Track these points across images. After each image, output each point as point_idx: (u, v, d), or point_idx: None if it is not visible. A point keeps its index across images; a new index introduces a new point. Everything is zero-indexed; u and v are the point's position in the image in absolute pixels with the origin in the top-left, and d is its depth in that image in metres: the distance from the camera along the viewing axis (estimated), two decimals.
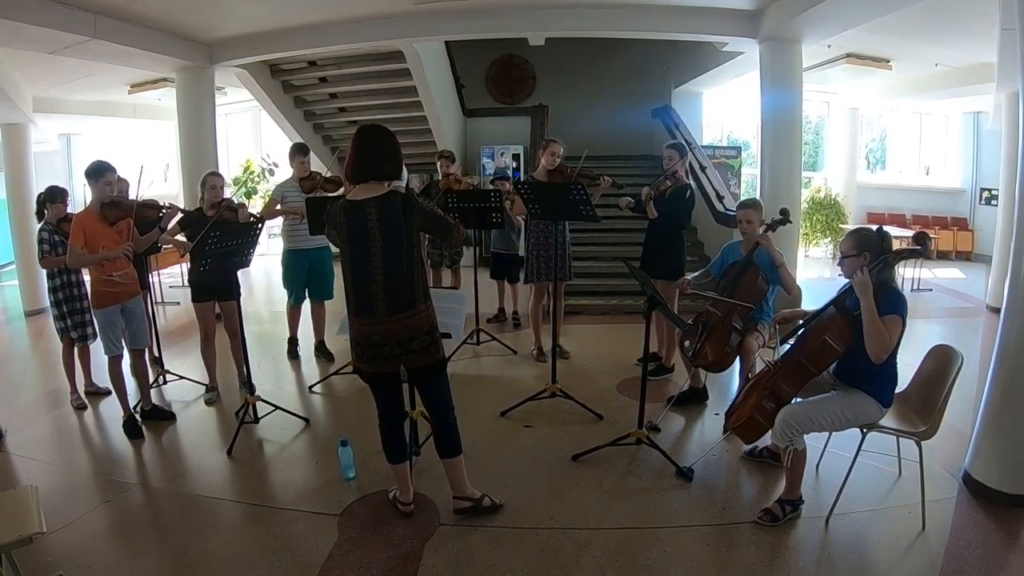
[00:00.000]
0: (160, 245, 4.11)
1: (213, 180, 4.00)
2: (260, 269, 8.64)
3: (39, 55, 5.27)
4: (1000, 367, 2.77)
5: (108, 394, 4.01)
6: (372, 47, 6.64)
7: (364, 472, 3.08)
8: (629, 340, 4.90)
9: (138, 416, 3.69)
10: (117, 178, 3.59)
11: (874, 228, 2.56)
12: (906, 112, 10.77)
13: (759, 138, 6.18)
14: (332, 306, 4.86)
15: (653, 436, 3.28)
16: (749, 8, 5.42)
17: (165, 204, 3.79)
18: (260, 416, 3.64)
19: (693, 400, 3.85)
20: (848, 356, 2.48)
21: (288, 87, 7.86)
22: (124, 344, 3.61)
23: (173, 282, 7.70)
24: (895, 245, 2.54)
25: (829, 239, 9.91)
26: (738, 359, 3.35)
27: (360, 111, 8.19)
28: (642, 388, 3.18)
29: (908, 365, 2.70)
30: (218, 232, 3.32)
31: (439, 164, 5.59)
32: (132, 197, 3.72)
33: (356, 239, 2.39)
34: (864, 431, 2.57)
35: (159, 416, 3.78)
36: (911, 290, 7.23)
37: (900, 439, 2.76)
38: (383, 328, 2.42)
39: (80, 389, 4.10)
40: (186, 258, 4.37)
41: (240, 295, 3.76)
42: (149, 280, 4.66)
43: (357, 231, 2.38)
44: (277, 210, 4.57)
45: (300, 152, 4.64)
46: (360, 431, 3.31)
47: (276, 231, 7.39)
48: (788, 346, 2.75)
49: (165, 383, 4.37)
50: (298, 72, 7.57)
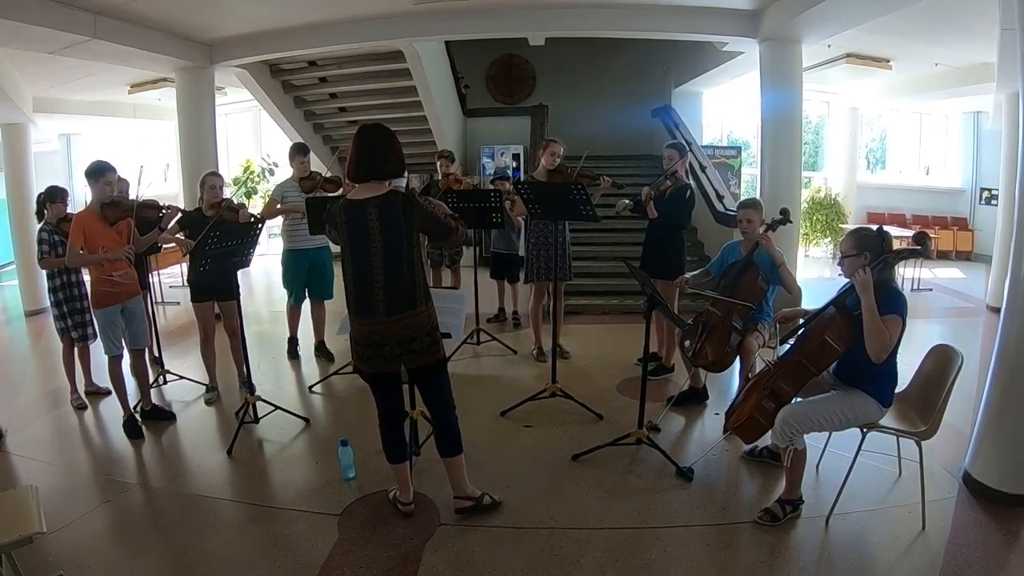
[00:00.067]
0: (160, 245, 4.11)
1: (212, 180, 4.00)
2: (260, 269, 8.64)
3: (39, 55, 5.27)
4: (1000, 367, 2.77)
5: (108, 394, 4.01)
6: (372, 47, 6.64)
7: (364, 472, 3.08)
8: (629, 340, 4.90)
9: (138, 416, 3.70)
10: (117, 178, 3.59)
11: (874, 228, 2.56)
12: (906, 112, 10.77)
13: (759, 138, 6.18)
14: (332, 306, 4.87)
15: (653, 436, 3.28)
16: (749, 8, 5.42)
17: (165, 204, 3.79)
18: (260, 416, 3.64)
19: (693, 400, 3.85)
20: (848, 356, 2.48)
21: (288, 87, 7.87)
22: (124, 344, 3.61)
23: (173, 282, 7.70)
24: (895, 245, 2.54)
25: (829, 239, 9.91)
26: (738, 359, 3.34)
27: (360, 111, 8.19)
28: (642, 388, 3.18)
29: (908, 365, 2.70)
30: (218, 232, 3.32)
31: (439, 164, 5.60)
32: (132, 197, 3.73)
33: (356, 239, 2.39)
34: (864, 431, 2.57)
35: (159, 416, 3.78)
36: (911, 290, 7.23)
37: (900, 439, 2.76)
38: (383, 328, 2.42)
39: (80, 389, 4.11)
40: (186, 258, 4.37)
41: (240, 295, 3.76)
42: (149, 280, 4.66)
43: (357, 231, 2.38)
44: (277, 209, 4.56)
45: (300, 152, 4.64)
46: (360, 431, 3.31)
47: (276, 231, 7.39)
48: (788, 346, 2.75)
49: (165, 383, 4.37)
50: (298, 72, 7.57)
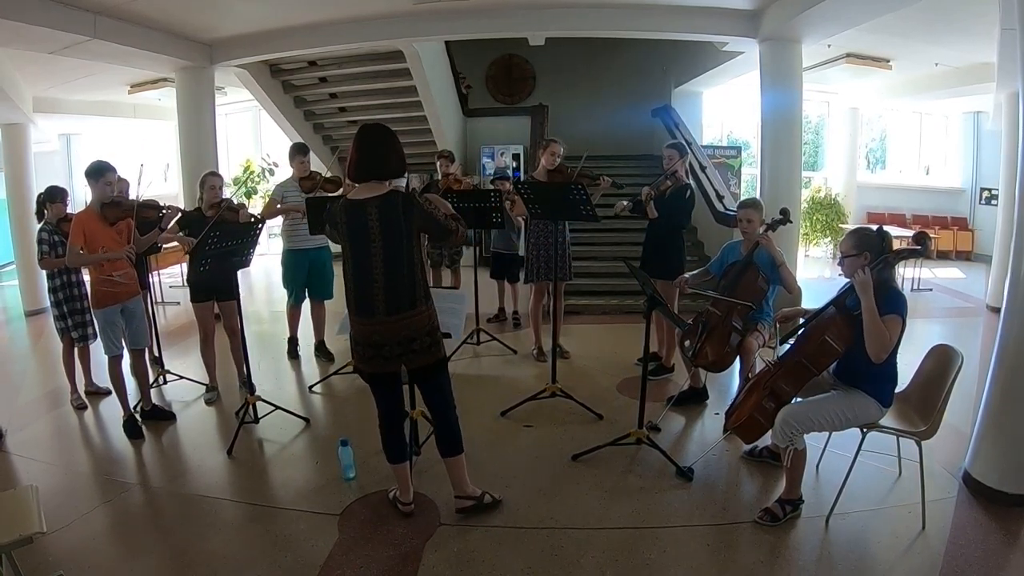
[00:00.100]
0: (160, 245, 4.11)
1: (212, 180, 4.00)
2: (260, 269, 8.64)
3: (39, 55, 5.27)
4: (1000, 367, 2.77)
5: (108, 394, 4.01)
6: (372, 47, 6.64)
7: (364, 472, 3.08)
8: (629, 340, 4.90)
9: (138, 416, 3.70)
10: (117, 178, 3.59)
11: (874, 228, 2.56)
12: (906, 112, 10.77)
13: (759, 138, 6.18)
14: (332, 306, 4.87)
15: (653, 436, 3.28)
16: (749, 8, 5.42)
17: (165, 204, 3.79)
18: (260, 416, 3.64)
19: (693, 400, 3.85)
20: (848, 356, 2.48)
21: (288, 87, 7.87)
22: (124, 344, 3.61)
23: (173, 282, 7.70)
24: (895, 245, 2.54)
25: (829, 239, 9.91)
26: (738, 359, 3.34)
27: (360, 111, 8.19)
28: (642, 388, 3.18)
29: (908, 365, 2.70)
30: (218, 232, 3.32)
31: (439, 164, 5.60)
32: (132, 197, 3.73)
33: (356, 239, 2.39)
34: (864, 431, 2.57)
35: (159, 416, 3.78)
36: (911, 290, 7.23)
37: (900, 439, 2.76)
38: (383, 328, 2.42)
39: (80, 389, 4.11)
40: (186, 258, 4.37)
41: (240, 295, 3.76)
42: (149, 280, 4.66)
43: (358, 231, 2.38)
44: (277, 209, 4.56)
45: (300, 152, 4.64)
46: (360, 431, 3.31)
47: (276, 231, 7.39)
48: (788, 346, 2.75)
49: (165, 383, 4.37)
50: (298, 72, 7.57)
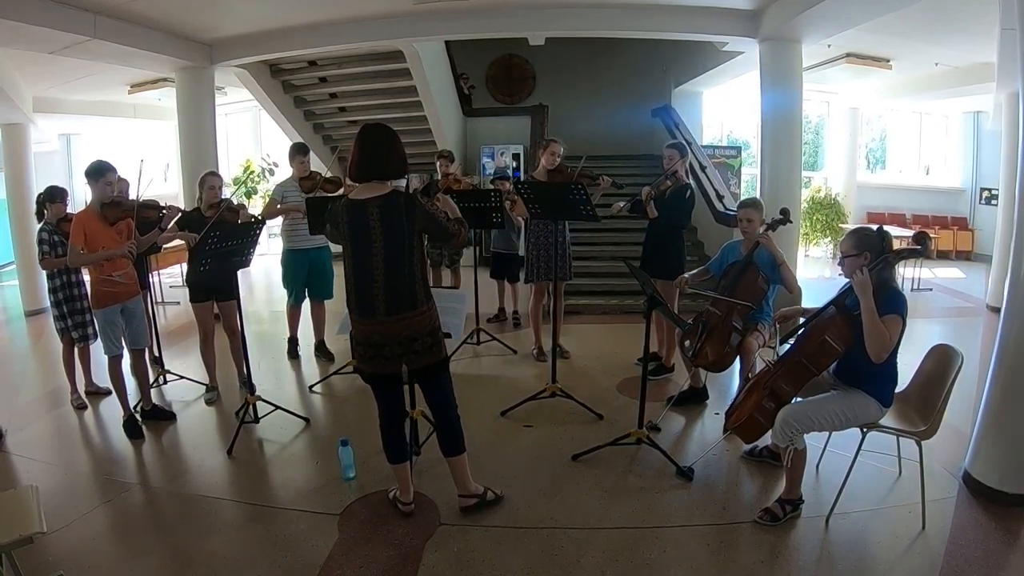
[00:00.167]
0: (160, 246, 4.10)
1: (211, 180, 4.00)
2: (260, 269, 8.64)
3: (39, 55, 5.27)
4: (1000, 367, 2.77)
5: (108, 394, 4.01)
6: (372, 47, 6.64)
7: (364, 472, 3.08)
8: (629, 340, 4.90)
9: (138, 416, 3.70)
10: (117, 178, 3.59)
11: (874, 228, 2.56)
12: (906, 112, 10.77)
13: (759, 138, 6.18)
14: (332, 306, 4.87)
15: (653, 436, 3.28)
16: (749, 8, 5.42)
17: (165, 204, 3.79)
18: (260, 416, 3.64)
19: (693, 400, 3.85)
20: (848, 356, 2.48)
21: (288, 87, 7.87)
22: (124, 344, 3.61)
23: (173, 282, 7.69)
24: (895, 245, 2.54)
25: (829, 239, 9.91)
26: (738, 359, 3.34)
27: (360, 111, 8.19)
28: (642, 388, 3.18)
29: (908, 365, 2.70)
30: (218, 232, 3.32)
31: (438, 164, 5.61)
32: (132, 197, 3.72)
33: (358, 239, 2.39)
34: (864, 431, 2.57)
35: (159, 416, 3.78)
36: (911, 290, 7.23)
37: (900, 439, 2.76)
38: (384, 328, 2.42)
39: (80, 389, 4.11)
40: (187, 257, 4.36)
41: (240, 295, 3.76)
42: (149, 280, 4.66)
43: (359, 231, 2.38)
44: (277, 209, 4.56)
45: (300, 152, 4.64)
46: (360, 431, 3.31)
47: (276, 231, 7.38)
48: (788, 346, 2.75)
49: (165, 383, 4.37)
50: (298, 72, 7.57)
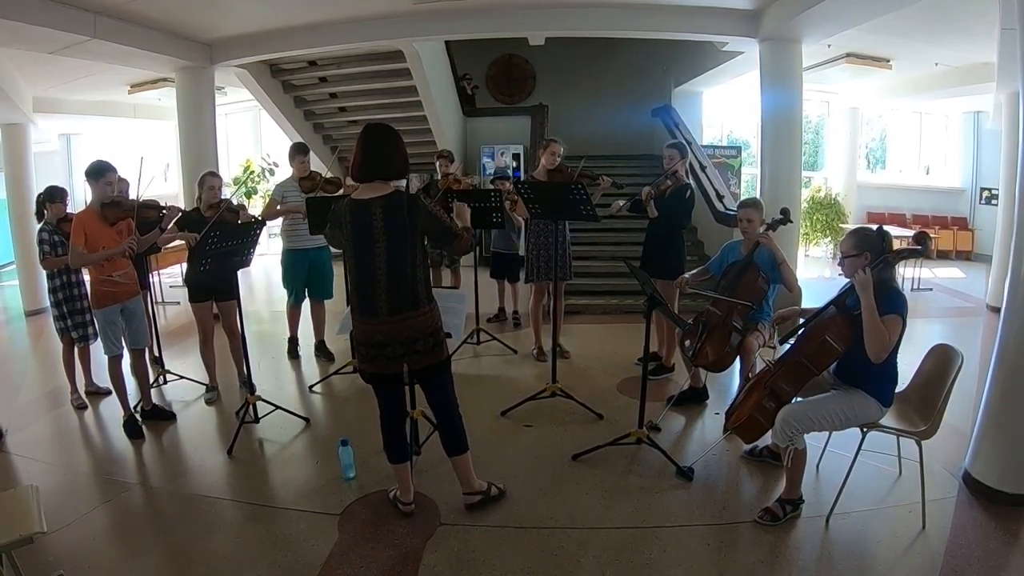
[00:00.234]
0: (160, 246, 4.10)
1: (211, 180, 4.00)
2: (260, 269, 8.64)
3: (39, 55, 5.26)
4: (1000, 367, 2.77)
5: (108, 394, 4.01)
6: (372, 47, 6.64)
7: (364, 472, 3.08)
8: (629, 340, 4.90)
9: (138, 416, 3.70)
10: (117, 178, 3.59)
11: (874, 228, 2.56)
12: (906, 112, 10.77)
13: (759, 138, 6.18)
14: (332, 306, 4.87)
15: (653, 436, 3.28)
16: (749, 8, 5.42)
17: (165, 204, 3.79)
18: (260, 416, 3.64)
19: (693, 400, 3.85)
20: (848, 356, 2.48)
21: (288, 87, 7.87)
22: (124, 344, 3.61)
23: (173, 282, 7.69)
24: (895, 245, 2.54)
25: (829, 239, 9.91)
26: (738, 359, 3.34)
27: (360, 111, 8.19)
28: (642, 388, 3.18)
29: (908, 365, 2.70)
30: (218, 232, 3.32)
31: (438, 164, 5.60)
32: (132, 197, 3.72)
33: (360, 239, 2.39)
34: (864, 430, 2.58)
35: (159, 416, 3.78)
36: (911, 290, 7.23)
37: (900, 438, 2.76)
38: (386, 328, 2.42)
39: (80, 389, 4.10)
40: (187, 257, 4.36)
41: (240, 295, 3.76)
42: (149, 280, 4.66)
43: (361, 231, 2.38)
44: (278, 210, 4.56)
45: (300, 152, 4.64)
46: (360, 431, 3.31)
47: (276, 231, 7.38)
48: (788, 346, 2.75)
49: (165, 383, 4.37)
50: (298, 72, 7.57)
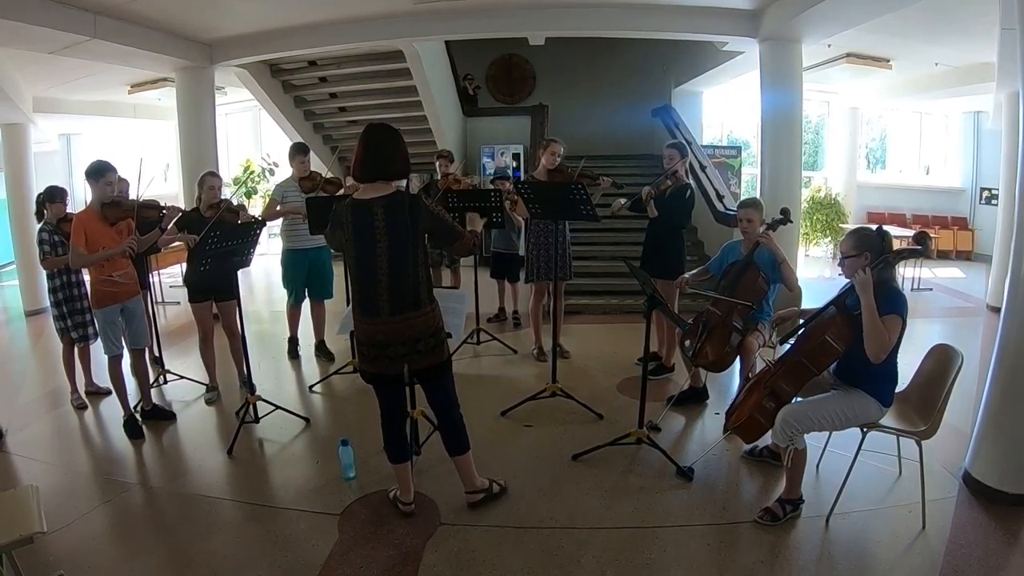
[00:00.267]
0: (161, 247, 4.10)
1: (211, 180, 3.99)
2: (260, 269, 8.64)
3: (39, 55, 5.26)
4: (1000, 367, 2.77)
5: (108, 394, 4.01)
6: (372, 47, 6.64)
7: (364, 472, 3.08)
8: (629, 340, 4.90)
9: (138, 416, 3.69)
10: (117, 178, 3.58)
11: (874, 228, 2.55)
12: (906, 112, 10.77)
13: (759, 138, 6.18)
14: (332, 305, 4.87)
15: (653, 436, 3.29)
16: (749, 8, 5.42)
17: (165, 204, 3.79)
18: (260, 416, 3.64)
19: (693, 400, 3.85)
20: (848, 355, 2.48)
21: (288, 87, 7.87)
22: (124, 344, 3.61)
23: (173, 282, 7.69)
24: (895, 245, 2.54)
25: (829, 239, 9.91)
26: (738, 359, 3.34)
27: (360, 111, 8.19)
28: (642, 388, 3.18)
29: (908, 365, 2.70)
30: (218, 232, 3.32)
31: (438, 164, 5.60)
32: (132, 197, 3.72)
33: (362, 239, 2.40)
34: (864, 430, 2.57)
35: (159, 416, 3.78)
36: (911, 289, 7.23)
37: (900, 438, 2.76)
38: (387, 328, 2.42)
39: (80, 389, 4.10)
40: (187, 257, 4.36)
41: (240, 295, 3.76)
42: (149, 280, 4.66)
43: (363, 231, 2.39)
44: (278, 211, 4.56)
45: (300, 152, 4.64)
46: (360, 431, 3.31)
47: (276, 231, 7.38)
48: (788, 346, 2.75)
49: (165, 383, 4.37)
50: (298, 72, 7.57)
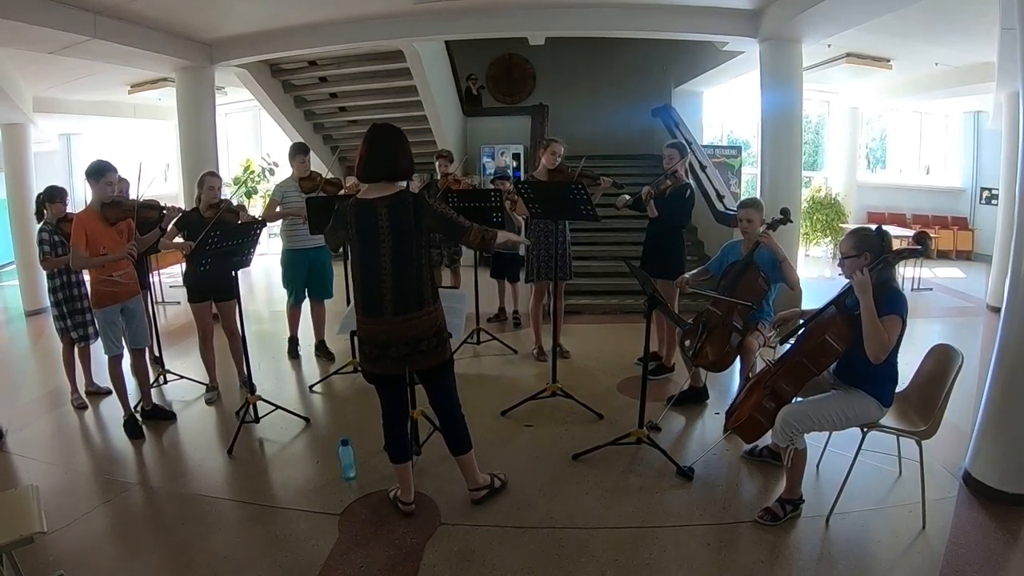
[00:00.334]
0: (161, 248, 4.10)
1: (211, 180, 3.99)
2: (260, 269, 8.64)
3: (39, 55, 5.27)
4: (1000, 366, 2.77)
5: (108, 394, 4.01)
6: (372, 47, 6.64)
7: (365, 472, 3.08)
8: (629, 340, 4.90)
9: (138, 416, 3.69)
10: (118, 178, 3.58)
11: (874, 228, 2.55)
12: (906, 111, 10.77)
13: (759, 138, 6.18)
14: (332, 305, 4.87)
15: (653, 435, 3.29)
16: (749, 8, 5.42)
17: (165, 204, 3.78)
18: (260, 416, 3.64)
19: (693, 399, 3.85)
20: (848, 355, 2.48)
21: (288, 87, 7.87)
22: (124, 344, 3.61)
23: (173, 282, 7.68)
24: (895, 245, 2.54)
25: (829, 239, 9.91)
26: (738, 359, 3.34)
27: (360, 111, 8.20)
28: (642, 387, 3.18)
29: (908, 364, 2.70)
30: (218, 232, 3.32)
31: (438, 164, 5.61)
32: (133, 197, 3.72)
33: (365, 238, 2.40)
34: (864, 430, 2.57)
35: (159, 416, 3.78)
36: (911, 289, 7.22)
37: (900, 438, 2.76)
38: (390, 328, 2.42)
39: (80, 389, 4.10)
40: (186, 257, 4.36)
41: (240, 295, 3.76)
42: (149, 280, 4.66)
43: (367, 231, 2.39)
44: (278, 212, 4.55)
45: (300, 152, 4.64)
46: (360, 430, 3.31)
47: (276, 231, 7.38)
48: (788, 346, 2.75)
49: (165, 383, 4.37)
50: (298, 72, 7.57)
